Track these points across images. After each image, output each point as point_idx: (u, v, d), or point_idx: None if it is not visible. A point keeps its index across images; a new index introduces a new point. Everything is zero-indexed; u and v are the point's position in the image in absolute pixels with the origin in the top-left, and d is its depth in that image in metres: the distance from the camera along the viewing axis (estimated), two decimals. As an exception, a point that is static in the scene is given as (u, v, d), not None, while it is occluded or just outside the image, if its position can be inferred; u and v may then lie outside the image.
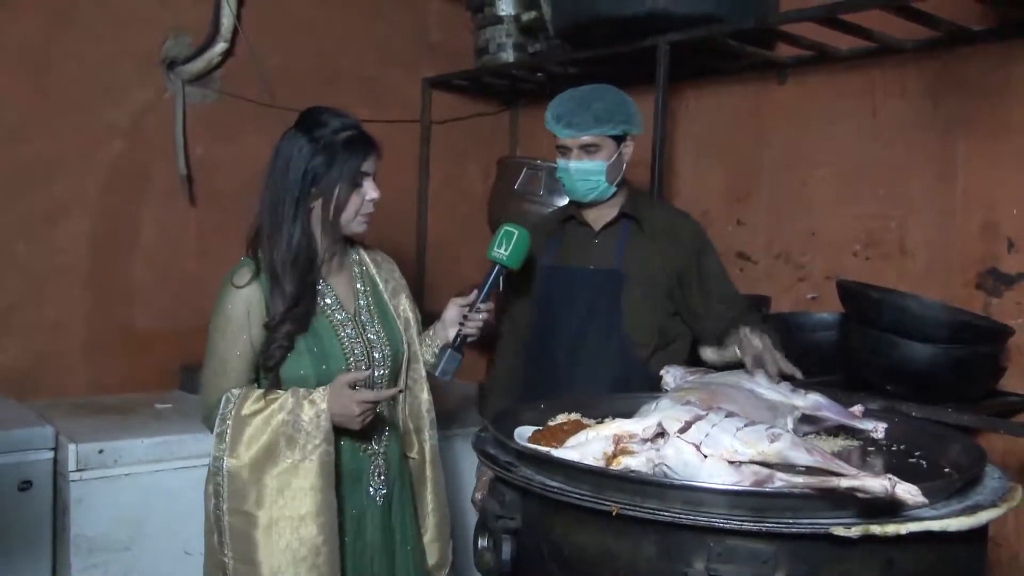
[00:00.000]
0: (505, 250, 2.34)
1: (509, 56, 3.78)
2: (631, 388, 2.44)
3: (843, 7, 2.61)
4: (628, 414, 1.76)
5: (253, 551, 2.05)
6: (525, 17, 3.69)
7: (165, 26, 3.54)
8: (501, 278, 2.37)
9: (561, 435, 1.76)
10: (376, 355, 2.25)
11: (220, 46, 3.59)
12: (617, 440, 1.60)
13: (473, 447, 1.80)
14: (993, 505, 1.47)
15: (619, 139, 2.49)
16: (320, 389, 2.10)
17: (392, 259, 2.50)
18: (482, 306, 2.33)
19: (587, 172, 2.47)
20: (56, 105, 3.34)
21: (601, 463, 1.57)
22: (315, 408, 2.07)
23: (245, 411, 2.08)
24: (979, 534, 1.53)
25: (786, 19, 2.87)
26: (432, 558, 2.38)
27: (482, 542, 1.66)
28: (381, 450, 2.27)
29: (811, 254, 3.21)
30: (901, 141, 2.95)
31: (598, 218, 2.59)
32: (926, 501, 1.35)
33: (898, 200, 2.96)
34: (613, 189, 2.54)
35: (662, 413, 1.62)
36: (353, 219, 2.23)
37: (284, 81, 3.72)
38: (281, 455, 2.06)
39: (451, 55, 4.15)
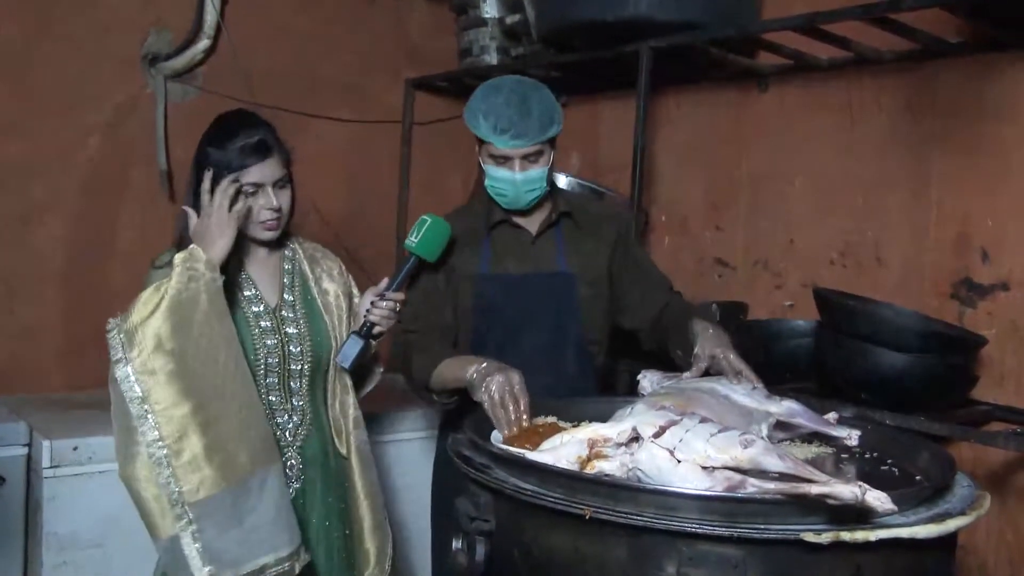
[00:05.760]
0: (415, 237, 2.28)
1: (492, 59, 3.79)
2: (587, 387, 2.46)
3: (823, 17, 2.63)
4: (603, 418, 1.77)
5: (174, 385, 2.03)
6: (509, 20, 3.70)
7: (146, 22, 3.52)
8: (413, 269, 2.33)
9: (536, 438, 1.77)
10: (293, 349, 2.26)
11: (203, 43, 3.58)
12: (591, 444, 1.61)
13: (448, 448, 1.81)
14: (962, 513, 1.48)
15: (552, 140, 2.38)
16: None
17: (334, 255, 2.46)
18: (390, 294, 2.26)
19: (533, 181, 2.36)
20: (34, 104, 3.32)
21: (575, 466, 1.58)
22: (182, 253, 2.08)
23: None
24: (948, 541, 1.55)
25: (767, 27, 2.89)
26: (367, 566, 2.37)
27: (456, 544, 1.66)
28: (296, 443, 2.27)
29: (788, 262, 3.24)
30: (878, 152, 2.97)
31: (533, 220, 2.49)
32: (895, 508, 1.36)
33: (874, 210, 2.98)
34: (547, 190, 2.45)
35: (637, 418, 1.63)
36: (251, 225, 2.23)
37: (267, 79, 3.70)
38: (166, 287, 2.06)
39: (434, 57, 4.15)
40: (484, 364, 2.08)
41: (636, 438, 1.59)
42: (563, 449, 1.62)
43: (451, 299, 2.47)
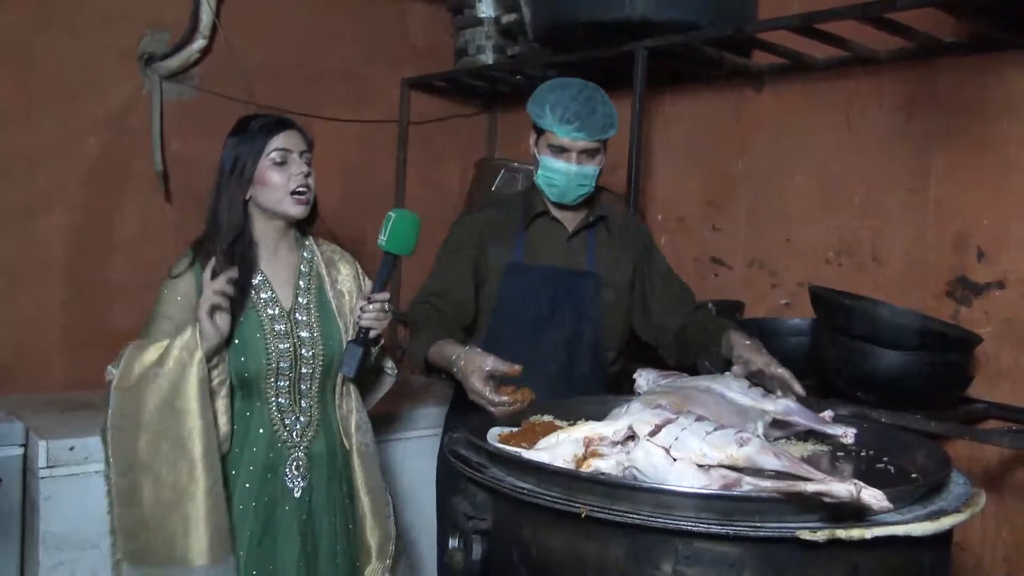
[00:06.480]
0: (384, 236, 2.25)
1: (488, 58, 3.79)
2: (596, 391, 2.46)
3: (819, 16, 2.63)
4: (599, 416, 1.77)
5: (133, 455, 2.13)
6: (505, 20, 3.70)
7: (144, 21, 3.51)
8: (393, 265, 2.33)
9: (532, 436, 1.77)
10: (305, 353, 2.27)
11: (199, 43, 3.57)
12: (588, 442, 1.61)
13: (444, 447, 1.81)
14: (957, 511, 1.49)
15: (606, 143, 2.47)
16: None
17: (351, 258, 2.48)
18: (376, 296, 2.25)
19: (586, 176, 2.44)
20: (35, 99, 3.32)
21: (571, 465, 1.58)
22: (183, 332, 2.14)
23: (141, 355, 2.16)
24: (943, 539, 1.55)
25: (763, 27, 2.89)
26: (368, 560, 2.38)
27: (452, 542, 1.66)
28: (304, 443, 2.28)
29: (785, 261, 3.24)
30: (876, 151, 2.98)
31: (572, 218, 2.55)
32: (891, 506, 1.36)
33: (872, 209, 2.98)
34: (593, 191, 2.52)
35: (633, 416, 1.63)
36: (283, 199, 2.24)
37: (263, 79, 3.70)
38: (159, 374, 2.12)
39: (431, 56, 4.15)
40: (457, 365, 2.13)
41: (632, 436, 1.59)
42: (559, 448, 1.62)
43: (475, 280, 2.53)
